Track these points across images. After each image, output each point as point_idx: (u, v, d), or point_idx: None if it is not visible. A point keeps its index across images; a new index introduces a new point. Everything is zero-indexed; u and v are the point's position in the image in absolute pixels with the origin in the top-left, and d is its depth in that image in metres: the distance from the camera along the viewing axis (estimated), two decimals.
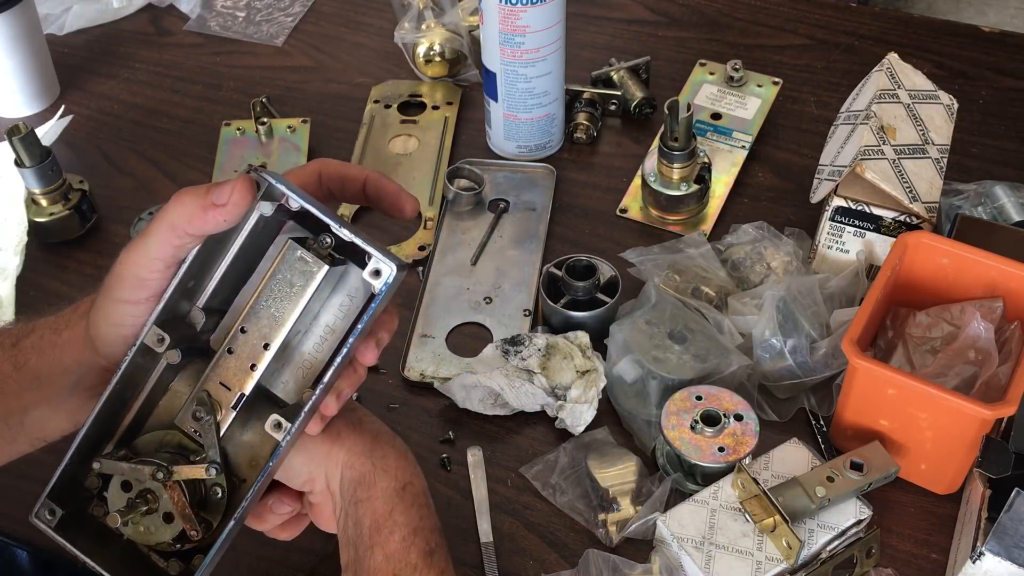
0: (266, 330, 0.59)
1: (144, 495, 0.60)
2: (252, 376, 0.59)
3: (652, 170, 1.01)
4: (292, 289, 0.58)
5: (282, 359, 0.61)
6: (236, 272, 0.60)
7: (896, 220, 0.89)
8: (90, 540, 0.62)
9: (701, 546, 0.73)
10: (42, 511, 0.61)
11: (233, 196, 0.55)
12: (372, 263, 0.56)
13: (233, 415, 0.60)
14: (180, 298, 0.59)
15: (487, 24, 1.01)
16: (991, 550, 0.68)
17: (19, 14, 1.12)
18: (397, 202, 0.63)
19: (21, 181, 1.01)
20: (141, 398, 0.62)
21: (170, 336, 0.58)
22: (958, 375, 0.80)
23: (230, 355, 0.59)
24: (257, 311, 0.59)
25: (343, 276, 0.60)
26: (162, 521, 0.60)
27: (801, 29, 1.24)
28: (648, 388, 0.85)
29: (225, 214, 0.56)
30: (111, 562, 0.61)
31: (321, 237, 0.58)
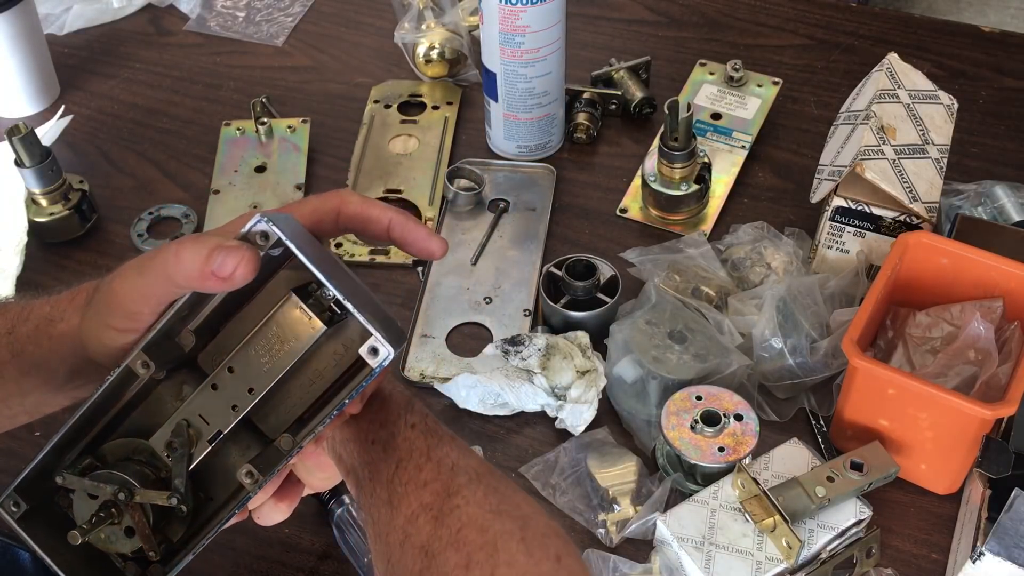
0: (253, 376, 0.57)
1: (108, 507, 0.59)
2: (233, 416, 0.58)
3: (652, 170, 1.01)
4: (286, 344, 0.57)
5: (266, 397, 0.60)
6: (233, 299, 0.59)
7: (896, 220, 0.89)
8: (51, 534, 0.61)
9: (701, 546, 0.73)
10: (7, 502, 0.60)
11: (237, 271, 0.53)
12: (371, 341, 0.55)
13: (208, 449, 0.59)
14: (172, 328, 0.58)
15: (487, 24, 1.01)
16: (991, 550, 0.68)
17: (19, 14, 1.12)
18: (427, 245, 0.61)
19: (21, 181, 1.01)
20: (121, 403, 0.61)
21: (156, 362, 0.57)
22: (958, 375, 0.80)
23: (214, 391, 0.58)
24: (247, 355, 0.58)
25: (340, 327, 0.59)
26: (123, 535, 0.60)
27: (801, 29, 1.24)
28: (648, 388, 0.85)
29: (225, 286, 0.54)
30: (69, 561, 0.60)
31: (324, 290, 0.56)
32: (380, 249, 1.01)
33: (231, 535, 0.81)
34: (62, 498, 0.61)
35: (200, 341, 0.59)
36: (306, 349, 0.57)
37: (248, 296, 0.59)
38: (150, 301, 0.56)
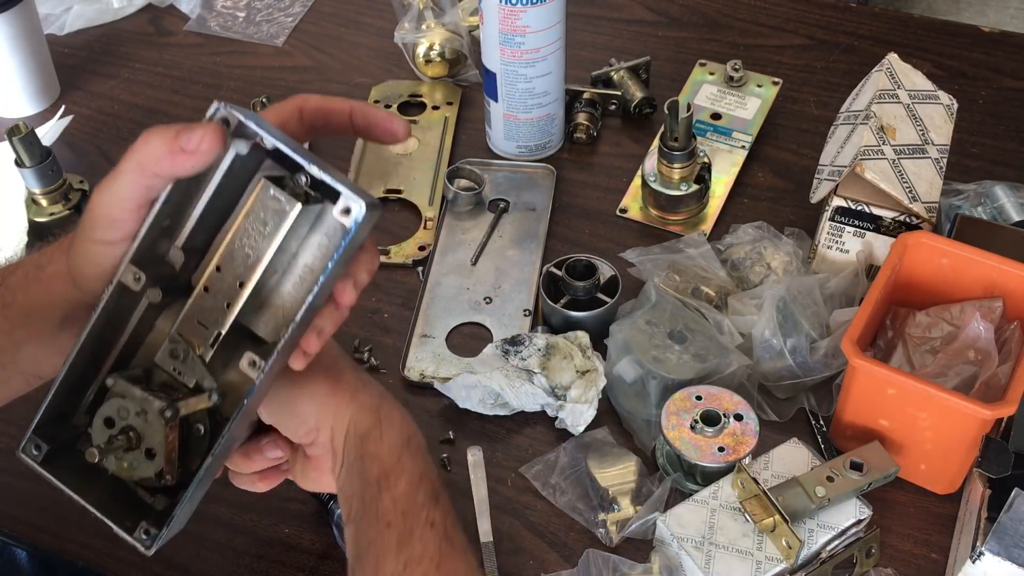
0: (241, 269, 0.58)
1: (126, 432, 0.60)
2: (228, 315, 0.59)
3: (652, 170, 1.01)
4: (266, 228, 0.57)
5: (262, 299, 0.60)
6: (215, 211, 0.60)
7: (896, 220, 0.89)
8: (76, 477, 0.62)
9: (701, 546, 0.73)
10: (28, 446, 0.61)
11: (202, 144, 0.55)
12: (342, 201, 0.56)
13: (212, 353, 0.60)
14: (158, 238, 0.59)
15: (487, 24, 1.01)
16: (991, 550, 0.68)
17: (19, 14, 1.12)
18: (389, 127, 0.62)
19: (21, 181, 1.01)
20: (124, 337, 0.61)
21: (146, 275, 0.58)
22: (958, 375, 0.80)
23: (206, 293, 0.59)
24: (232, 250, 0.59)
25: (320, 216, 0.59)
26: (144, 457, 0.60)
27: (801, 29, 1.24)
28: (648, 388, 0.85)
29: (193, 160, 0.55)
30: (97, 498, 0.61)
31: (296, 176, 0.57)
32: (380, 249, 1.01)
33: (231, 535, 0.81)
34: (83, 444, 0.62)
35: (190, 262, 0.60)
36: (285, 230, 0.57)
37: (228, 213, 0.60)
38: (127, 203, 0.57)
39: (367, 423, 0.65)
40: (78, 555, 0.81)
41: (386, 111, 0.63)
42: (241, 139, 0.57)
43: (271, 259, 0.58)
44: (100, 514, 0.61)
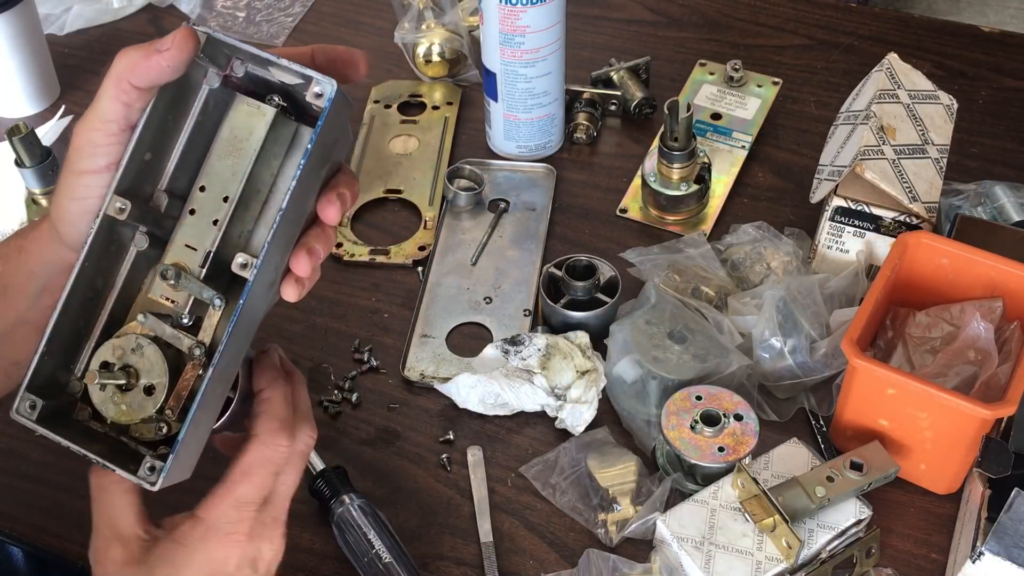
0: (223, 184, 0.59)
1: (126, 369, 0.59)
2: (215, 231, 0.59)
3: (652, 170, 1.01)
4: (244, 140, 0.58)
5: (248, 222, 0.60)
6: (194, 151, 0.60)
7: (896, 220, 0.89)
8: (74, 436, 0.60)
9: (701, 546, 0.73)
10: (22, 404, 0.59)
11: (175, 41, 0.55)
12: (314, 85, 0.56)
13: (203, 273, 0.59)
14: (142, 178, 0.59)
15: (487, 24, 1.01)
16: (991, 550, 0.68)
17: (19, 14, 1.12)
18: (351, 59, 0.62)
19: (21, 181, 1.01)
20: (115, 292, 0.61)
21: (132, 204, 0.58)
22: (958, 375, 0.80)
23: (193, 216, 0.59)
24: (215, 169, 0.59)
25: (296, 137, 0.60)
26: (144, 395, 0.59)
27: (801, 29, 1.24)
28: (648, 388, 0.85)
29: (167, 59, 0.55)
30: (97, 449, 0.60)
31: (269, 98, 0.59)
32: (380, 249, 1.01)
33: None
34: (80, 411, 0.61)
35: (174, 208, 0.60)
36: (262, 137, 0.58)
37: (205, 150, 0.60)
38: (110, 126, 0.57)
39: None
40: (78, 555, 0.81)
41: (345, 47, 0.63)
42: (212, 71, 0.58)
43: (253, 175, 0.58)
44: (99, 459, 0.59)
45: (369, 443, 0.87)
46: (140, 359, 0.59)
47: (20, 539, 0.84)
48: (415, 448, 0.87)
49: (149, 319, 0.59)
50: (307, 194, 0.59)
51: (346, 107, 0.58)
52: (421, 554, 0.80)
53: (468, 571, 0.79)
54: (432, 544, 0.81)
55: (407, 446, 0.87)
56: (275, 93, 0.59)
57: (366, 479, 0.85)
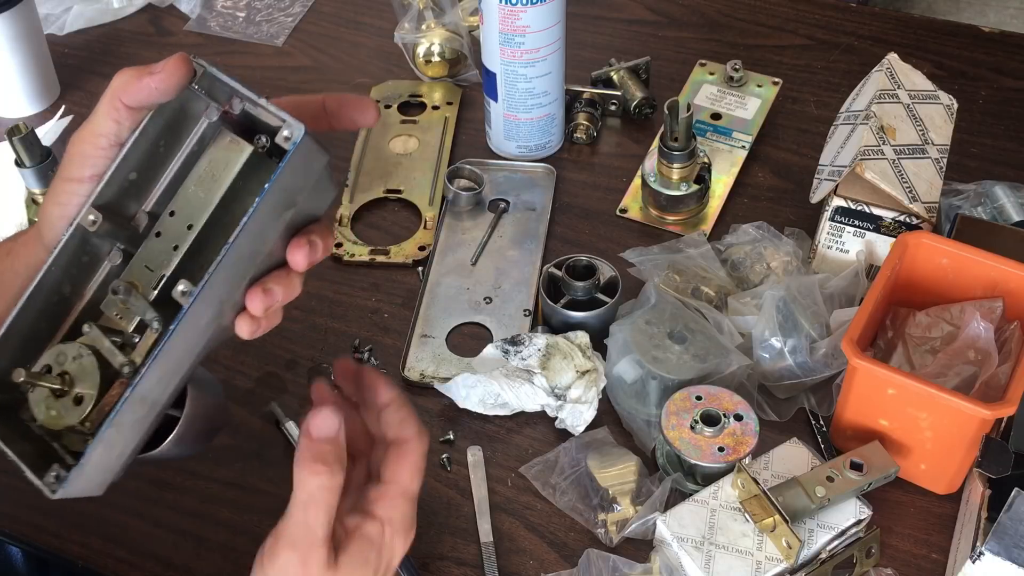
0: (191, 211, 0.59)
1: (61, 376, 0.59)
2: (174, 256, 0.59)
3: (652, 170, 1.01)
4: (219, 173, 0.59)
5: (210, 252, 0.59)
6: (182, 179, 0.61)
7: (896, 220, 0.89)
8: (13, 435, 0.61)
9: (701, 546, 0.73)
10: None
11: (167, 66, 0.57)
12: (284, 129, 0.57)
13: (155, 294, 0.59)
14: (126, 196, 0.60)
15: (487, 24, 1.01)
16: (991, 550, 0.68)
17: (19, 14, 1.12)
18: (360, 105, 0.63)
19: (21, 181, 1.01)
20: (82, 303, 0.61)
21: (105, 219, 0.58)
22: (958, 375, 0.80)
23: (157, 238, 0.60)
24: (186, 195, 0.60)
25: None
26: (72, 404, 0.60)
27: (801, 29, 1.24)
28: (648, 388, 0.85)
29: (156, 82, 0.57)
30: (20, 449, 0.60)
31: (257, 137, 0.59)
32: (380, 249, 1.01)
33: (232, 535, 0.81)
34: (25, 412, 0.61)
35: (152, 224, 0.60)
36: (236, 172, 0.58)
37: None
38: (100, 139, 0.58)
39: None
40: (78, 555, 0.81)
41: (354, 94, 0.64)
42: (213, 105, 0.59)
43: (222, 208, 0.59)
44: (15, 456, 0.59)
45: None
46: (78, 368, 0.59)
47: (20, 539, 0.84)
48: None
49: (93, 330, 0.60)
50: (265, 233, 0.59)
51: (320, 154, 0.58)
52: (421, 554, 0.80)
53: (468, 571, 0.79)
54: (432, 544, 0.81)
55: None
56: (266, 134, 0.59)
57: None
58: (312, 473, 0.59)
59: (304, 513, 0.59)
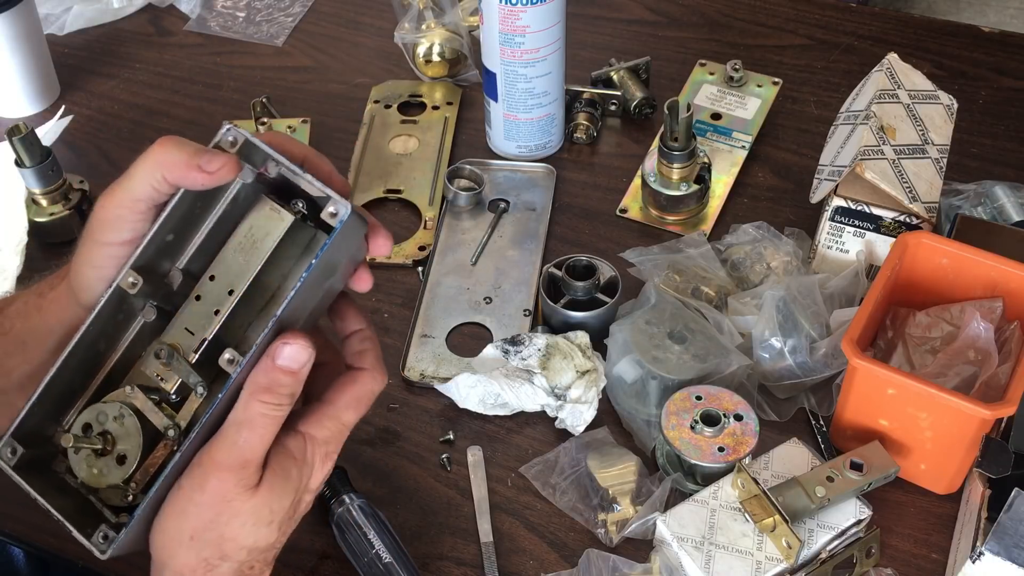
0: (232, 277, 0.60)
1: (102, 435, 0.61)
2: (215, 321, 0.60)
3: (652, 170, 1.01)
4: (260, 240, 0.60)
5: (248, 317, 0.62)
6: (216, 238, 0.62)
7: (896, 220, 0.89)
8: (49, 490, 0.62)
9: (701, 546, 0.73)
10: (4, 449, 0.62)
11: (221, 169, 0.58)
12: (330, 205, 0.58)
13: (195, 358, 0.61)
14: (160, 254, 0.61)
15: (487, 24, 1.01)
16: (991, 550, 0.68)
17: (19, 14, 1.12)
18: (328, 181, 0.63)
19: (21, 181, 1.01)
20: (116, 356, 0.63)
21: (144, 281, 0.60)
22: (958, 375, 0.80)
23: (197, 302, 0.61)
24: (226, 261, 0.61)
25: (311, 243, 0.62)
26: (115, 463, 0.61)
27: (801, 29, 1.24)
28: (648, 388, 0.85)
29: (204, 179, 0.58)
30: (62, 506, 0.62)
31: (293, 202, 0.61)
32: None
33: None
34: (60, 463, 0.63)
35: (186, 286, 0.62)
36: (278, 241, 0.60)
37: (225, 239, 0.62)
38: (138, 204, 0.59)
39: None
40: (78, 555, 0.81)
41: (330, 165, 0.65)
42: (248, 168, 0.60)
43: (262, 274, 0.60)
44: (61, 517, 0.61)
45: (369, 443, 0.87)
46: (119, 428, 0.61)
47: (20, 539, 0.84)
48: (415, 448, 0.87)
49: (136, 391, 0.61)
50: (306, 301, 0.61)
51: (360, 226, 0.60)
52: (421, 554, 0.80)
53: (468, 571, 0.79)
54: (432, 544, 0.81)
55: (407, 446, 0.87)
56: (300, 198, 0.61)
57: (366, 479, 0.84)
58: (259, 401, 0.58)
59: (237, 433, 0.58)
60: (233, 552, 0.60)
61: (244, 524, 0.60)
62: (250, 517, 0.60)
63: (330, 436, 0.63)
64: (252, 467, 0.59)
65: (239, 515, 0.59)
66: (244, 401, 0.59)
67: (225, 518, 0.59)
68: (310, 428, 0.62)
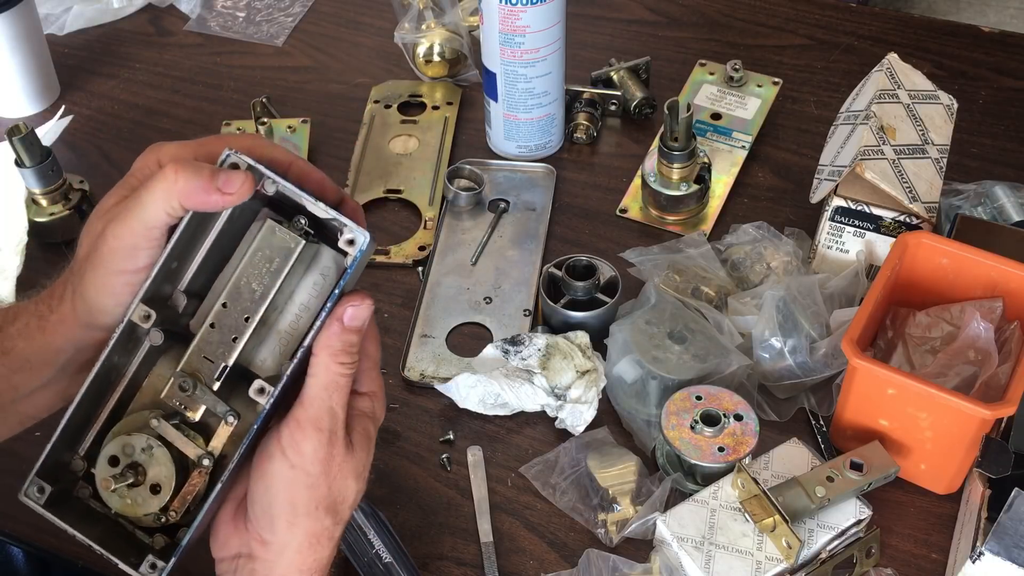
0: (247, 304, 0.61)
1: (133, 467, 0.62)
2: (234, 348, 0.61)
3: (652, 170, 1.01)
4: (271, 265, 0.61)
5: (260, 337, 0.63)
6: (214, 257, 0.63)
7: (896, 220, 0.89)
8: (78, 519, 0.63)
9: (701, 546, 0.73)
10: (31, 489, 0.63)
11: (241, 188, 0.58)
12: (347, 233, 0.60)
13: (217, 386, 0.62)
14: (163, 280, 0.61)
15: (487, 24, 1.01)
16: (991, 550, 0.68)
17: (19, 14, 1.12)
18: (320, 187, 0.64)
19: (21, 181, 1.01)
20: (125, 381, 0.63)
21: (156, 313, 0.60)
22: (958, 375, 0.80)
23: (212, 329, 0.62)
24: (238, 287, 0.61)
25: (315, 257, 0.63)
26: (149, 493, 0.62)
27: (801, 29, 1.24)
28: (648, 388, 0.85)
29: (224, 201, 0.58)
30: (99, 537, 0.63)
31: (296, 219, 0.61)
32: (380, 249, 1.01)
33: None
34: (81, 489, 0.64)
35: (189, 306, 0.63)
36: (290, 265, 0.60)
37: (226, 257, 0.63)
38: (154, 231, 0.59)
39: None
40: (78, 555, 0.81)
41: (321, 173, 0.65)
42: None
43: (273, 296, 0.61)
44: (104, 551, 0.62)
45: None
46: (148, 459, 0.62)
47: (20, 539, 0.84)
48: (415, 448, 0.87)
49: (162, 423, 0.62)
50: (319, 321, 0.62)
51: (372, 249, 0.62)
52: (421, 554, 0.80)
53: (468, 571, 0.79)
54: (432, 544, 0.81)
55: (407, 446, 0.87)
56: (301, 214, 0.61)
57: None
58: (338, 363, 0.60)
59: (329, 398, 0.61)
60: (344, 512, 0.63)
61: (349, 484, 0.63)
62: (352, 475, 0.63)
63: (380, 382, 0.66)
64: (345, 426, 0.62)
65: (347, 476, 0.62)
66: (324, 366, 0.61)
67: (339, 483, 0.62)
68: (366, 386, 0.65)
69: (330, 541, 0.63)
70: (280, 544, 0.62)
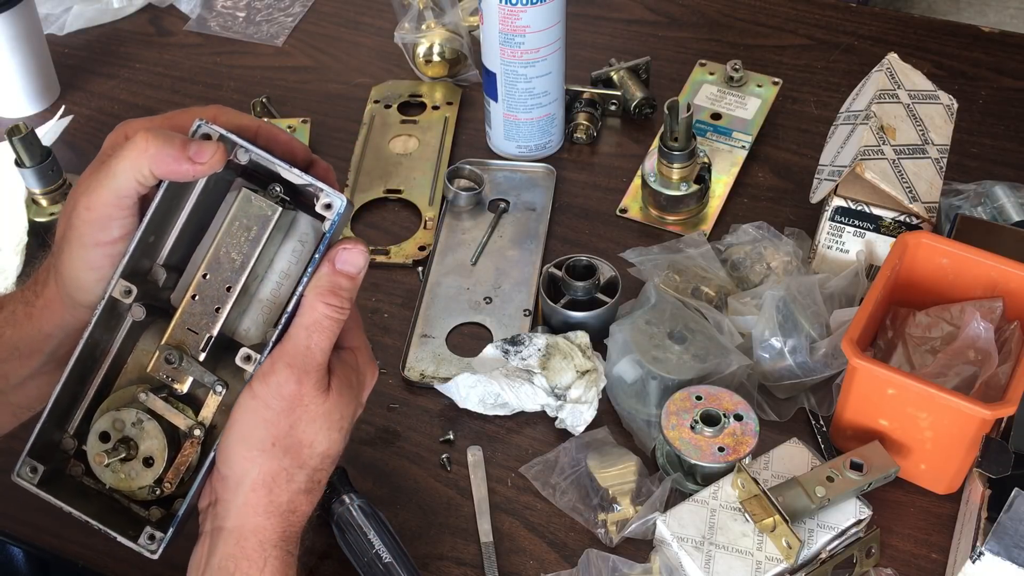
0: (227, 274, 0.62)
1: (125, 442, 0.62)
2: (218, 318, 0.62)
3: (652, 170, 1.01)
4: (249, 234, 0.61)
5: (242, 306, 0.63)
6: (191, 229, 0.63)
7: (896, 220, 0.89)
8: (72, 497, 0.64)
9: (701, 546, 0.73)
10: (23, 469, 0.63)
11: (212, 160, 0.59)
12: (323, 197, 0.60)
13: (203, 356, 0.62)
14: (142, 254, 0.62)
15: (487, 24, 1.01)
16: (991, 550, 0.68)
17: (19, 14, 1.12)
18: (289, 150, 0.64)
19: (21, 181, 1.01)
20: (110, 357, 0.64)
21: (137, 288, 0.61)
22: (958, 375, 0.80)
23: (195, 301, 0.62)
24: (218, 258, 0.62)
25: (293, 223, 0.63)
26: (143, 466, 0.63)
27: (801, 29, 1.24)
28: (648, 388, 0.85)
29: (195, 170, 0.59)
30: (95, 512, 0.63)
31: (271, 187, 0.62)
32: (380, 249, 1.01)
33: None
34: (73, 467, 0.65)
35: (169, 280, 0.63)
36: (268, 233, 0.61)
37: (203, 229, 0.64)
38: (126, 200, 0.59)
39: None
40: (78, 555, 0.81)
41: (288, 135, 0.65)
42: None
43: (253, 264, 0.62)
44: (102, 526, 0.63)
45: (369, 443, 0.87)
46: (139, 432, 0.62)
47: (20, 539, 0.84)
48: (415, 448, 0.87)
49: (150, 396, 0.62)
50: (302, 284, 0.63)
51: (350, 209, 0.63)
52: (421, 554, 0.80)
53: (468, 571, 0.79)
54: (432, 544, 0.81)
55: (407, 446, 0.87)
56: (276, 181, 0.62)
57: (366, 479, 0.85)
58: (324, 303, 0.61)
59: (308, 337, 0.61)
60: (308, 459, 0.62)
61: (319, 429, 0.62)
62: (324, 421, 0.62)
63: (366, 341, 0.67)
64: (323, 369, 0.62)
65: (315, 419, 0.62)
66: (309, 305, 0.61)
67: (303, 424, 0.61)
68: (351, 340, 0.66)
69: (288, 484, 0.62)
70: (236, 479, 0.61)
